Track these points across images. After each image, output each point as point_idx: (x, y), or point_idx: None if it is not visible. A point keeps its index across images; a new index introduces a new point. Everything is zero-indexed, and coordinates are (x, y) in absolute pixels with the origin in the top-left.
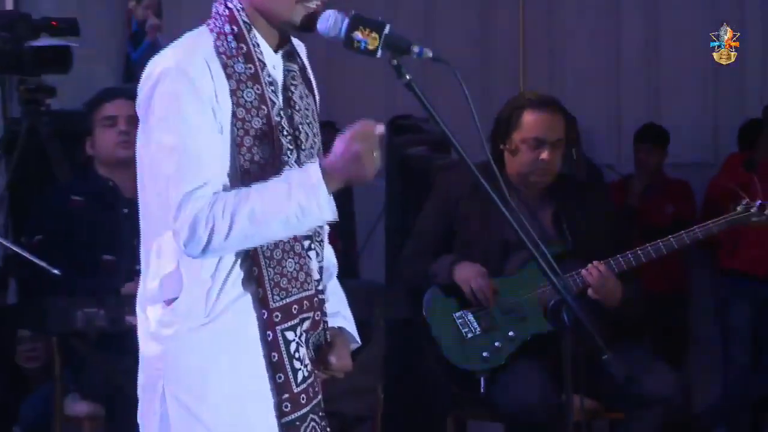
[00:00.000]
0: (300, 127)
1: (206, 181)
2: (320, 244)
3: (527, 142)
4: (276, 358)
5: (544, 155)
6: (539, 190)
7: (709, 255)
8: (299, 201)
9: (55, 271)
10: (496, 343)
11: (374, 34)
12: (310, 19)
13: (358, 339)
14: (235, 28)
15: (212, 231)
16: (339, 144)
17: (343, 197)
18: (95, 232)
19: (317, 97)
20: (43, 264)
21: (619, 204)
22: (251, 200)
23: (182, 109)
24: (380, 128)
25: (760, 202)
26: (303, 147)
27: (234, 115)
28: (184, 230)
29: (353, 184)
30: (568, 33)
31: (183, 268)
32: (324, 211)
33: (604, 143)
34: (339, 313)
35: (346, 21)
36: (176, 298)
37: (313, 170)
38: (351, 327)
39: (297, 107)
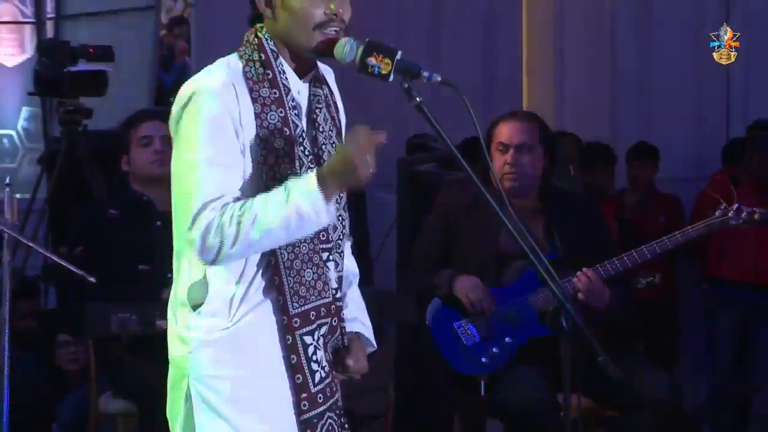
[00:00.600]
0: (323, 146)
1: (219, 195)
2: (340, 256)
3: (497, 149)
4: (295, 360)
5: (507, 157)
6: (533, 200)
7: (697, 264)
8: (297, 207)
9: (91, 279)
10: (494, 349)
11: (387, 60)
12: (328, 46)
13: (375, 344)
14: (263, 56)
15: (222, 238)
16: (340, 153)
17: (357, 210)
18: (131, 243)
19: (343, 119)
20: (80, 272)
21: (614, 217)
22: (255, 208)
23: (206, 129)
24: (380, 136)
25: (737, 205)
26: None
27: (258, 135)
28: (197, 239)
29: (350, 187)
30: (567, 60)
31: (209, 277)
32: (321, 215)
33: None
34: (357, 318)
35: (361, 47)
36: (202, 304)
37: (310, 178)
38: (368, 332)
39: (321, 129)
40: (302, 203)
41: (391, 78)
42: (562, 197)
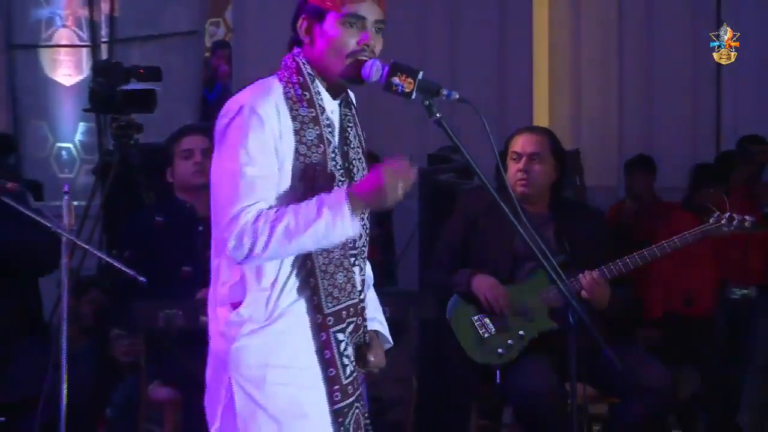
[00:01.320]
0: (353, 161)
1: (256, 201)
2: (363, 261)
3: (512, 158)
4: (328, 355)
5: (520, 165)
6: (542, 206)
7: None
8: (326, 219)
9: (141, 279)
10: (509, 341)
11: (410, 80)
12: (356, 68)
13: (391, 340)
14: (301, 79)
15: (254, 241)
16: (371, 174)
17: (382, 216)
18: (175, 246)
19: (363, 135)
20: (131, 272)
21: (615, 223)
22: (287, 217)
23: (247, 141)
24: (414, 173)
25: (728, 214)
26: (354, 177)
27: (296, 150)
28: (232, 239)
29: (375, 209)
30: (574, 82)
31: (248, 277)
32: (347, 228)
33: (607, 170)
34: (375, 318)
35: (386, 68)
36: (241, 303)
37: (340, 194)
38: (385, 330)
39: (351, 145)
40: (331, 217)
41: (414, 96)
42: (571, 206)
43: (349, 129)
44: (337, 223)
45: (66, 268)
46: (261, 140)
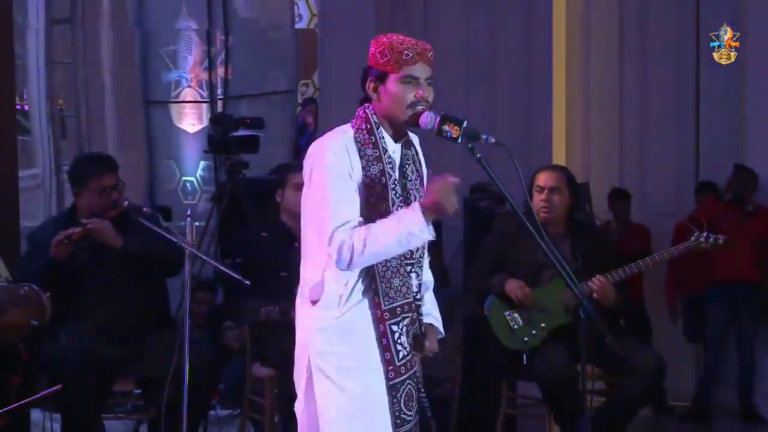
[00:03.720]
0: (410, 191)
1: (347, 221)
2: (420, 268)
3: (536, 190)
4: (385, 342)
5: (543, 196)
6: (560, 227)
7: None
8: (408, 228)
9: (247, 282)
10: (533, 332)
11: (456, 127)
12: (415, 118)
13: (443, 332)
14: (368, 125)
15: (353, 252)
16: (428, 195)
17: (435, 232)
18: (275, 257)
19: (425, 170)
20: (238, 277)
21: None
22: (376, 230)
23: (332, 175)
24: (454, 179)
25: (705, 234)
26: (411, 203)
27: (364, 182)
28: (334, 253)
29: (440, 218)
30: (585, 130)
31: (326, 280)
32: (424, 233)
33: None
34: (431, 314)
35: (438, 118)
36: (318, 300)
37: (415, 208)
38: (439, 324)
39: (409, 178)
40: (412, 225)
41: (460, 140)
42: (582, 227)
43: (407, 165)
44: (416, 230)
45: (188, 274)
46: (341, 174)
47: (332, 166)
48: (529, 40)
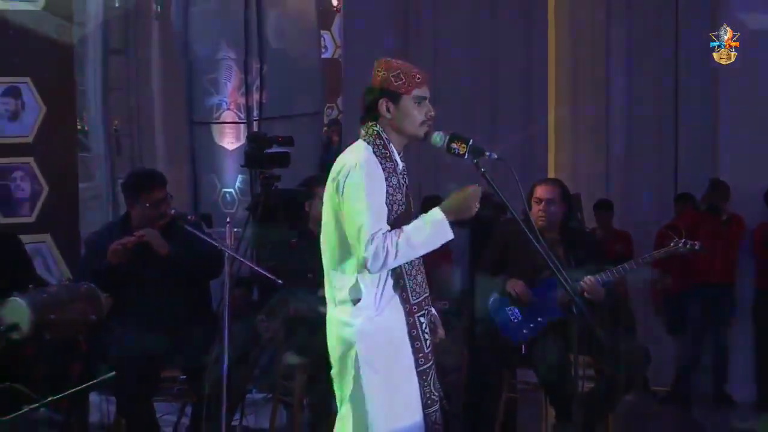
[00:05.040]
0: (408, 195)
1: (380, 228)
2: (422, 267)
3: (535, 201)
4: (415, 333)
5: (539, 207)
6: (555, 234)
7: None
8: (435, 229)
9: (279, 281)
10: (531, 325)
11: (463, 145)
12: (427, 134)
13: (439, 319)
14: (381, 142)
15: (387, 254)
16: (454, 196)
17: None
18: (304, 260)
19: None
20: (272, 277)
21: None
22: (406, 233)
23: (366, 187)
24: (478, 189)
25: (683, 240)
26: (412, 206)
27: (387, 191)
28: (370, 257)
29: (460, 219)
30: (574, 149)
31: (361, 283)
32: (447, 233)
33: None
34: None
35: (447, 137)
36: (359, 300)
37: (438, 212)
38: (435, 311)
39: (407, 183)
40: (438, 227)
41: (466, 156)
42: (575, 233)
43: (405, 173)
44: (440, 231)
45: (228, 274)
46: (373, 185)
47: (368, 177)
48: (528, 78)
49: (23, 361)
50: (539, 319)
